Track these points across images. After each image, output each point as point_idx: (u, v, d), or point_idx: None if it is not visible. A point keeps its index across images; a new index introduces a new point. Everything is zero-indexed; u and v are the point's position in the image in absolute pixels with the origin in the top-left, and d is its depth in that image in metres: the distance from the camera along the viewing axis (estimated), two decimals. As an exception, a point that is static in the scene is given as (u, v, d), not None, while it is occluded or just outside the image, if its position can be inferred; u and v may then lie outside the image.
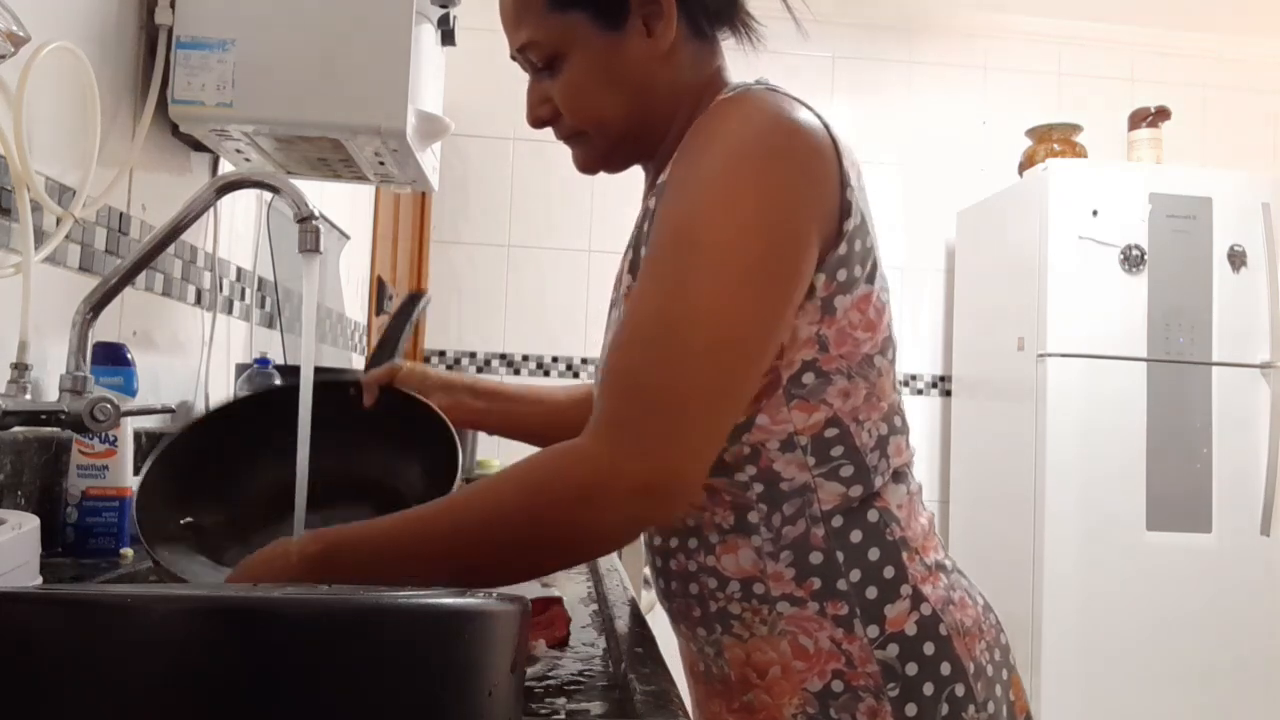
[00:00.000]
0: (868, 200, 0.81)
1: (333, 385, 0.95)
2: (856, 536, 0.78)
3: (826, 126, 0.77)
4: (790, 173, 0.73)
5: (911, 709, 0.76)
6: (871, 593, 0.77)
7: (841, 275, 0.76)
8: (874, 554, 0.78)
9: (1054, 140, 3.19)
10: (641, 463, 0.66)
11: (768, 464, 0.77)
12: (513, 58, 0.87)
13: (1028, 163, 3.21)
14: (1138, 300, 2.87)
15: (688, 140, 0.77)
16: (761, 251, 0.70)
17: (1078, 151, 3.17)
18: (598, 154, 0.87)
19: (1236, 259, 2.90)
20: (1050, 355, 2.86)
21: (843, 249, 0.76)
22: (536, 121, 0.87)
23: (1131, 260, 2.87)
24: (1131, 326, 2.86)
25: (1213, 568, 2.82)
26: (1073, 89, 3.61)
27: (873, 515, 0.79)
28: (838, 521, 0.78)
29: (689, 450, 0.68)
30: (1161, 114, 3.15)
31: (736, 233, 0.70)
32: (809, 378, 0.76)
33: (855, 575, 0.77)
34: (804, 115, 0.76)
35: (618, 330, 0.73)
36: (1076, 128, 3.21)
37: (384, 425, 0.89)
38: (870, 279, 0.79)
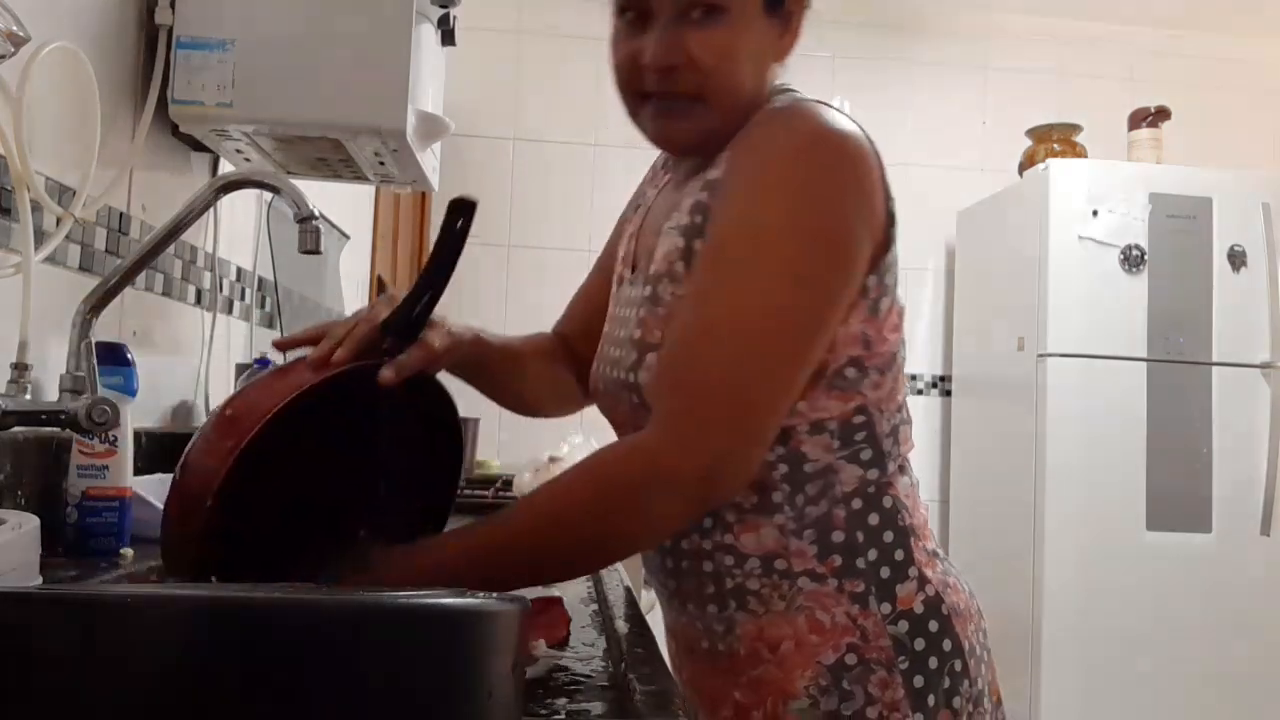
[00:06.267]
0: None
1: (360, 376, 0.83)
2: (874, 520, 0.83)
3: (868, 137, 0.81)
4: (841, 181, 0.78)
5: (919, 680, 0.81)
6: (885, 572, 0.82)
7: (889, 279, 0.82)
8: (888, 537, 0.83)
9: (1054, 140, 3.19)
10: (703, 450, 0.72)
11: (797, 445, 0.81)
12: None
13: (1028, 163, 3.21)
14: (1138, 300, 2.86)
15: (741, 145, 0.80)
16: (814, 254, 0.76)
17: (1078, 151, 3.17)
18: (702, 125, 0.83)
19: (1236, 259, 2.90)
20: (1050, 355, 2.85)
21: (890, 254, 0.82)
22: (664, 67, 0.80)
23: (1131, 260, 2.87)
24: (1131, 326, 2.86)
25: (1213, 568, 2.82)
26: (1073, 89, 3.61)
27: (887, 502, 0.84)
28: (857, 504, 0.82)
29: (746, 435, 0.74)
30: (1161, 114, 3.15)
31: (792, 237, 0.76)
32: (851, 372, 0.81)
33: (872, 555, 0.82)
34: (848, 125, 0.80)
35: (678, 329, 0.78)
36: (1076, 128, 3.20)
37: (401, 419, 0.83)
38: (897, 283, 0.85)
